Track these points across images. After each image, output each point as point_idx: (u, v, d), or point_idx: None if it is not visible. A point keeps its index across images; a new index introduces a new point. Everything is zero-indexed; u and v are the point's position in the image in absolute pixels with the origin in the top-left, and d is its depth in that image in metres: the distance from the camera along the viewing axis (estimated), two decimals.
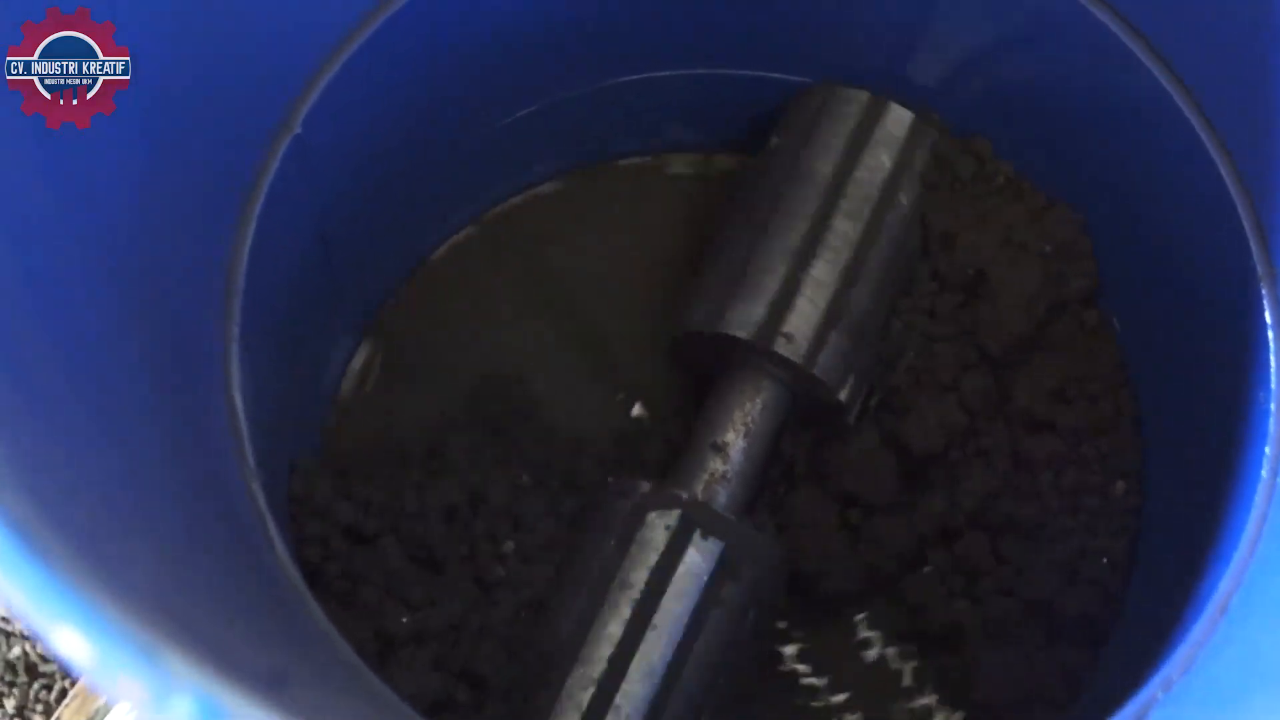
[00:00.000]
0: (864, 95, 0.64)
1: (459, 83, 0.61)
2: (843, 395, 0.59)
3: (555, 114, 0.68)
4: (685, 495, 0.56)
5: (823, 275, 0.59)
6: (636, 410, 0.68)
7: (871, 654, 0.63)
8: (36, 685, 0.76)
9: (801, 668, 0.64)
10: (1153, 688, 0.49)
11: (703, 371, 0.64)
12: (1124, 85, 0.59)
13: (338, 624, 0.53)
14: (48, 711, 0.75)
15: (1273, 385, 0.54)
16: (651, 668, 0.53)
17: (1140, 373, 0.67)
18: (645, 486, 0.56)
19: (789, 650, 0.64)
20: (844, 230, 0.60)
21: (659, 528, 0.55)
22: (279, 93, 0.53)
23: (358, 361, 0.67)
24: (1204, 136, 0.57)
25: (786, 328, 0.58)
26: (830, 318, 0.59)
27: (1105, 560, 0.63)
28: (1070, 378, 0.64)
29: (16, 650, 0.76)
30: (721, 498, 0.58)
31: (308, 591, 0.49)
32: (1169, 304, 0.64)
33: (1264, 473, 0.52)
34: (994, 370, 0.63)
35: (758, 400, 0.60)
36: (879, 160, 0.62)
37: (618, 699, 0.53)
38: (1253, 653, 0.49)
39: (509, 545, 0.57)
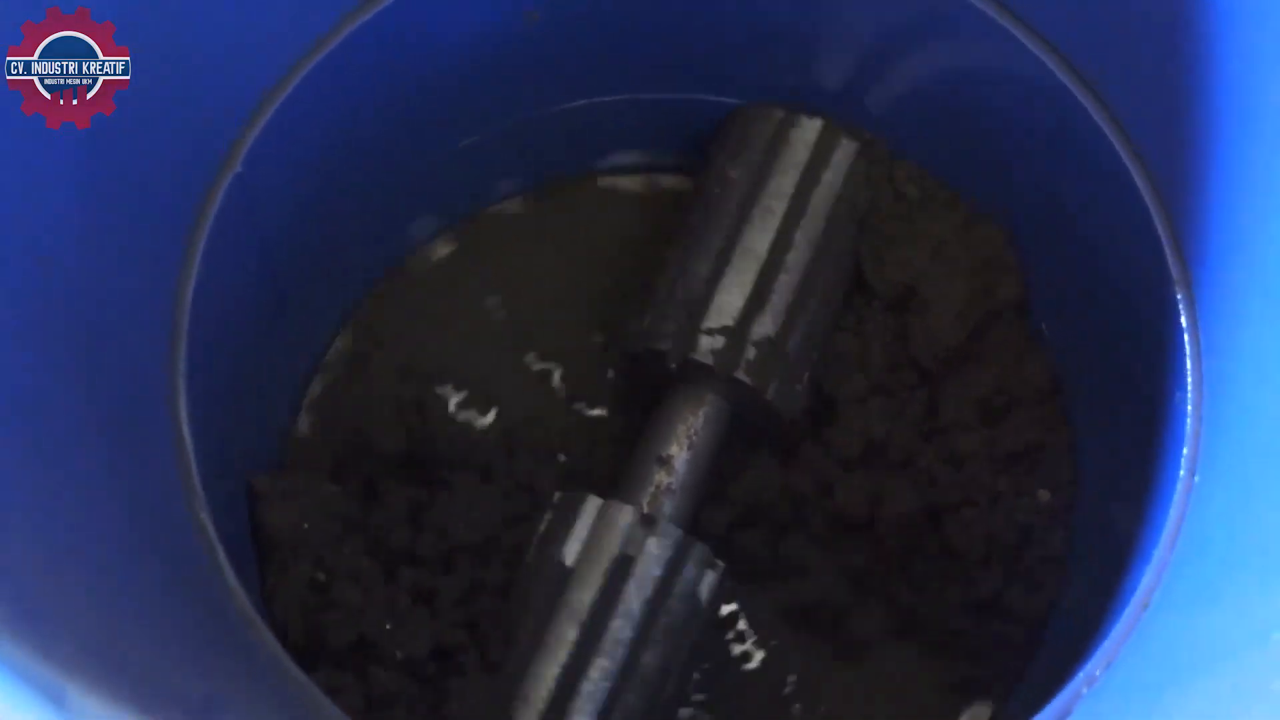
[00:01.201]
0: (779, 111, 0.66)
1: (400, 115, 0.63)
2: (776, 402, 0.62)
3: (503, 140, 0.70)
4: (632, 509, 0.57)
5: (768, 292, 0.62)
6: (595, 412, 0.70)
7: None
8: None
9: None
10: (1078, 683, 0.51)
11: (654, 385, 0.65)
12: (1040, 101, 0.62)
13: (305, 637, 0.56)
14: None
15: (1189, 387, 0.56)
16: (606, 673, 0.55)
17: (1069, 379, 0.70)
18: (595, 502, 0.57)
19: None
20: (752, 243, 0.62)
21: (612, 540, 0.57)
22: (219, 132, 0.54)
23: (316, 388, 0.69)
24: (1119, 146, 0.60)
25: (733, 346, 0.61)
26: (775, 337, 0.62)
27: (1039, 558, 0.64)
28: (1001, 388, 0.66)
29: None
30: (667, 509, 0.61)
31: (259, 618, 0.50)
32: (1094, 312, 0.66)
33: (1182, 472, 0.55)
34: (926, 381, 0.64)
35: (700, 414, 0.63)
36: (789, 171, 0.65)
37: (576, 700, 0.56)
38: (1171, 648, 0.51)
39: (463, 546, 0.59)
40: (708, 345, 0.61)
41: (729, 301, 0.62)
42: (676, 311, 0.62)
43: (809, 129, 0.65)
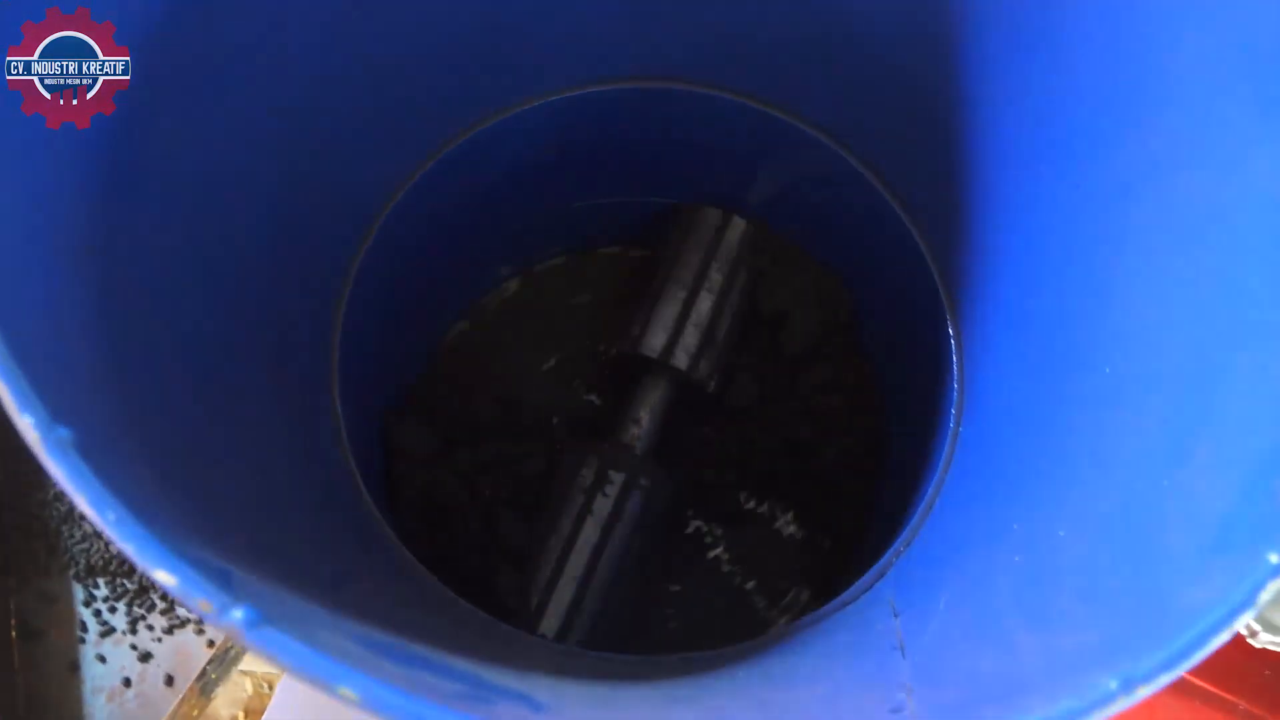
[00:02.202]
0: (716, 211, 0.86)
1: (479, 204, 0.77)
2: (711, 387, 0.83)
3: (546, 223, 0.89)
4: (610, 444, 0.79)
5: (699, 316, 0.84)
6: (594, 399, 0.92)
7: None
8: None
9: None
10: (889, 556, 0.63)
11: (629, 374, 0.85)
12: (852, 191, 0.75)
13: (413, 531, 0.73)
14: None
15: (954, 373, 0.69)
16: (581, 558, 0.74)
17: (882, 369, 0.88)
18: (588, 445, 0.79)
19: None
20: (707, 294, 0.84)
21: (594, 464, 0.78)
22: (367, 208, 0.67)
23: (425, 372, 0.90)
24: (903, 217, 0.73)
25: (679, 349, 0.82)
26: (703, 342, 0.83)
27: (857, 478, 0.85)
28: (836, 374, 0.89)
29: None
30: (637, 449, 0.82)
31: (381, 518, 0.64)
32: (896, 326, 0.81)
33: (952, 425, 0.68)
34: (790, 369, 0.88)
35: (657, 393, 0.84)
36: (729, 250, 0.85)
37: (561, 581, 0.74)
38: (947, 533, 0.61)
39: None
40: (680, 355, 0.82)
41: (695, 330, 0.82)
42: (660, 332, 0.82)
43: (727, 219, 0.85)
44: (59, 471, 0.30)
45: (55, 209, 0.40)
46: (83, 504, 0.29)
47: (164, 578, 0.29)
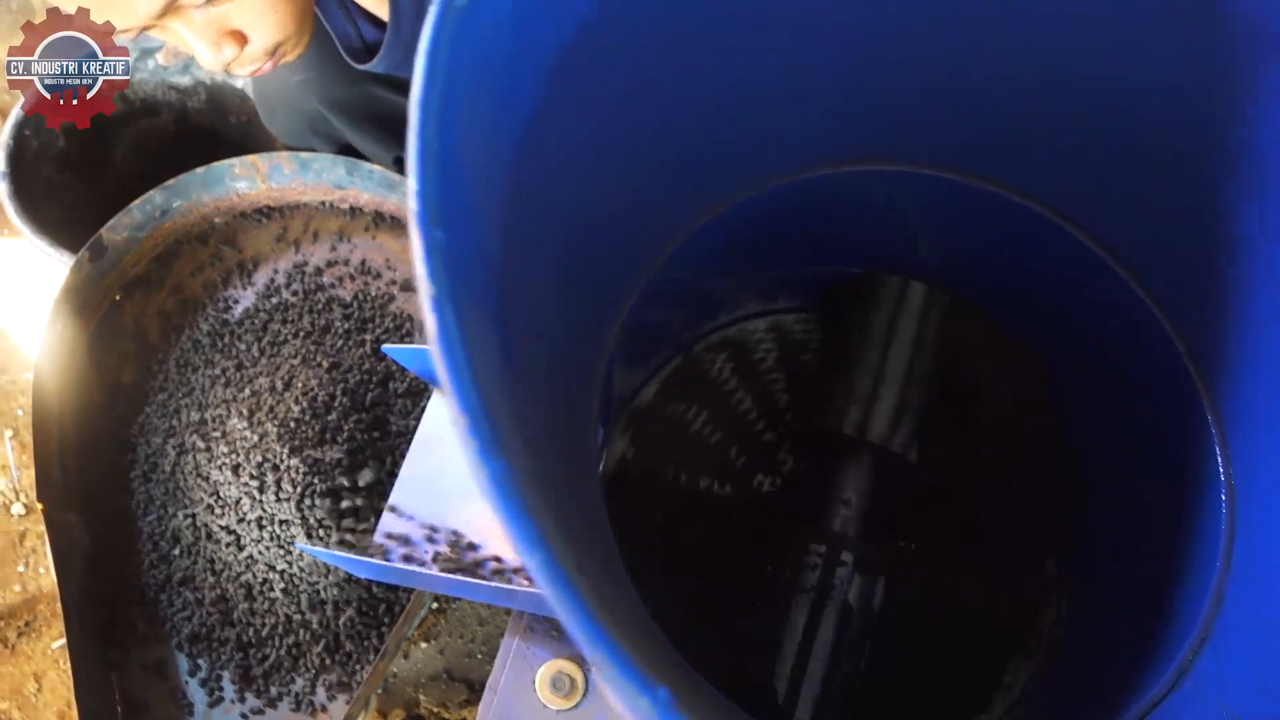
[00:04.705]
0: (896, 278, 0.86)
1: (715, 266, 0.80)
2: (911, 457, 0.83)
3: (740, 293, 0.93)
4: (828, 531, 0.80)
5: (890, 391, 0.82)
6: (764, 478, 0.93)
7: None
8: None
9: None
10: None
11: (821, 446, 0.86)
12: (1072, 262, 0.73)
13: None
14: None
15: (1217, 464, 0.65)
16: (824, 650, 0.76)
17: (1087, 445, 0.86)
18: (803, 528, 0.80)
19: None
20: (897, 361, 0.84)
21: (815, 554, 0.79)
22: (639, 261, 0.72)
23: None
24: (1138, 291, 0.70)
25: (877, 424, 0.82)
26: (898, 414, 0.83)
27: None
28: (1028, 449, 0.90)
29: None
30: (850, 530, 0.82)
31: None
32: (1113, 407, 0.81)
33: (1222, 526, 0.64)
34: (980, 443, 0.89)
35: (862, 471, 0.84)
36: (910, 320, 0.85)
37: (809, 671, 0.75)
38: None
39: None
40: (878, 429, 0.82)
41: (889, 404, 0.83)
42: (850, 406, 0.83)
43: (916, 289, 0.85)
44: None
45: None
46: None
47: (598, 659, 0.30)
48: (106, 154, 1.45)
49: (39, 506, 1.04)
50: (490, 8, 0.36)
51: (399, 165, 1.21)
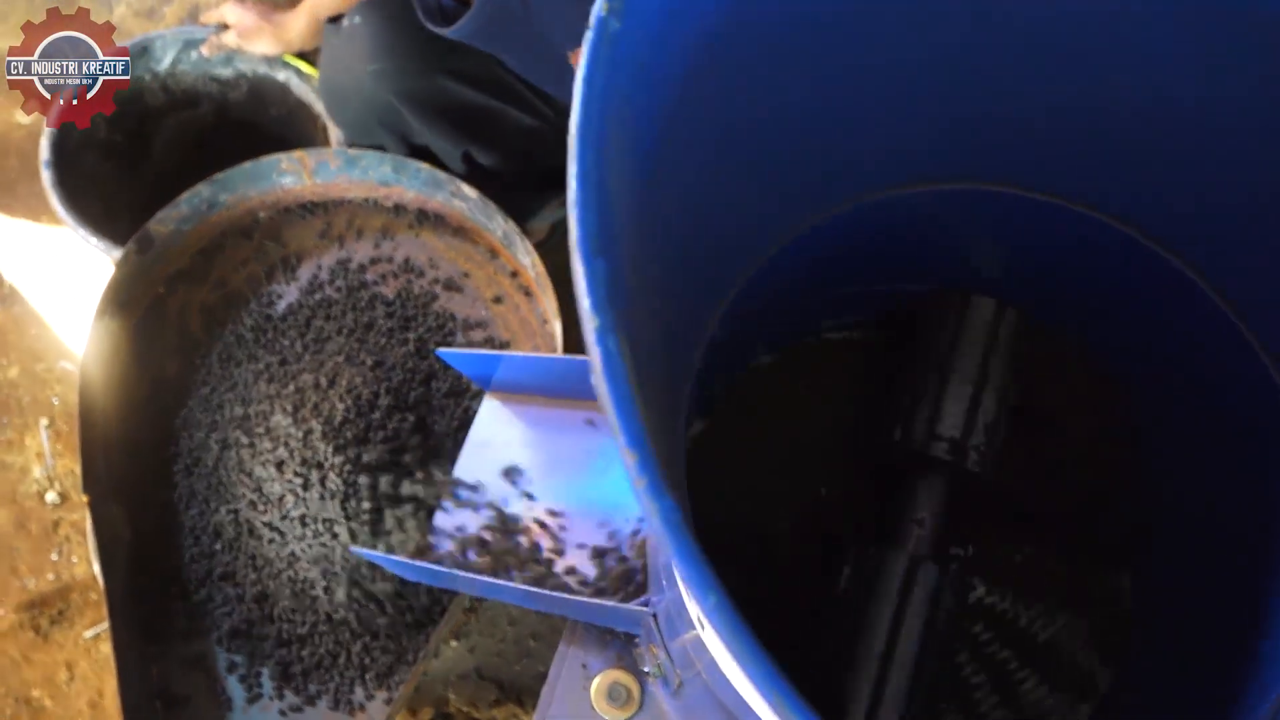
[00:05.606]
0: (973, 296, 0.85)
1: (778, 305, 0.82)
2: (985, 475, 0.83)
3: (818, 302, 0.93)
4: (904, 552, 0.80)
5: (954, 406, 0.82)
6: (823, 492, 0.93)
7: None
8: None
9: None
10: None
11: (886, 466, 0.87)
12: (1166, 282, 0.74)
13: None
14: None
15: None
16: (904, 671, 0.76)
17: (1170, 469, 0.86)
18: (877, 549, 0.80)
19: None
20: (964, 370, 0.83)
21: (894, 575, 0.79)
22: (731, 274, 0.73)
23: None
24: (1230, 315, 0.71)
25: (964, 441, 0.82)
26: (967, 429, 0.82)
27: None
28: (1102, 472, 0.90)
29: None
30: (924, 550, 0.82)
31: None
32: (1204, 435, 0.80)
33: None
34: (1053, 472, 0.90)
35: (937, 493, 0.84)
36: (977, 334, 0.85)
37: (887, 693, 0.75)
38: None
39: None
40: (953, 447, 0.82)
41: (956, 418, 0.83)
42: (935, 422, 0.83)
43: (986, 306, 0.85)
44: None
45: None
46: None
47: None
48: (147, 145, 1.44)
49: (74, 496, 1.04)
50: (640, 25, 0.36)
51: (467, 161, 1.21)
